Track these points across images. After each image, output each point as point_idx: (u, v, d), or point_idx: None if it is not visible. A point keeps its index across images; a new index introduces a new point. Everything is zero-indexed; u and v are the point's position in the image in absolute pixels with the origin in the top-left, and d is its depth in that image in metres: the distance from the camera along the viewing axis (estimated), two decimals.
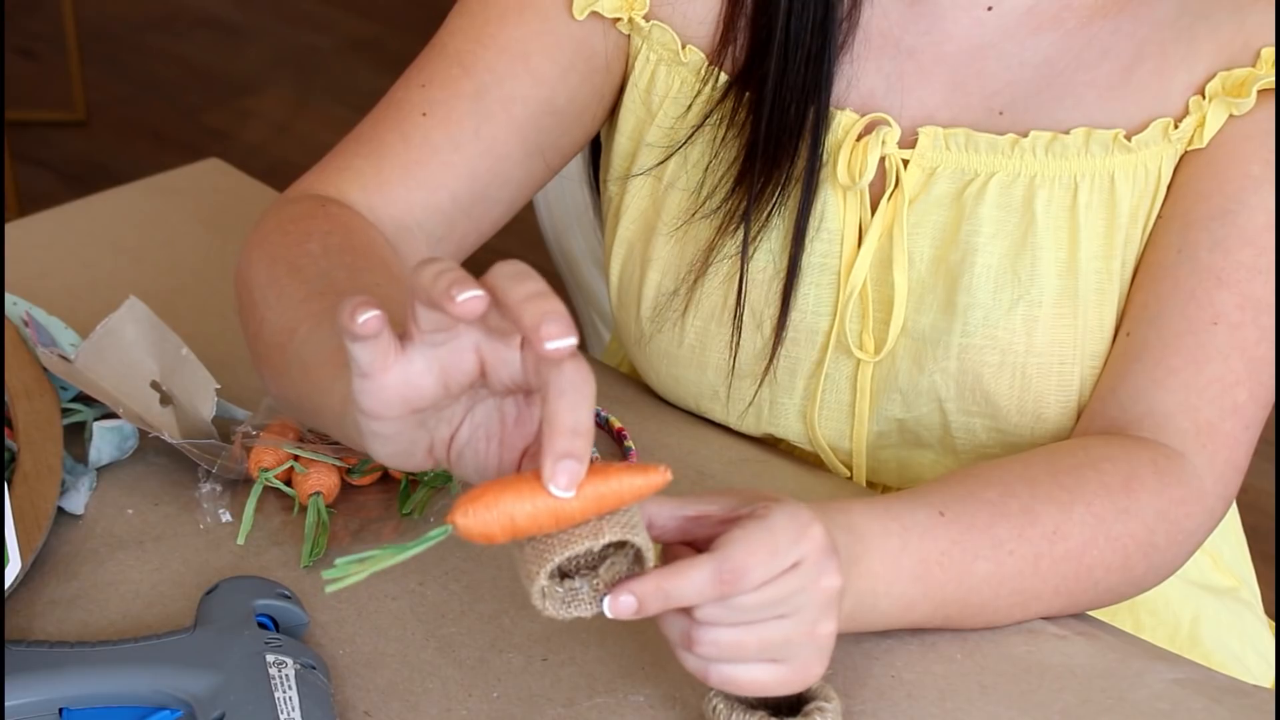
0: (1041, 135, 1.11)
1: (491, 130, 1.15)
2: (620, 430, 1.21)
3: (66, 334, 1.24)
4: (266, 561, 1.10)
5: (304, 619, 1.02)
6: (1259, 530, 1.98)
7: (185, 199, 1.48)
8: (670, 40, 1.16)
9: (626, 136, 1.20)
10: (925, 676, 1.02)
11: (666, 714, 0.99)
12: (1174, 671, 1.04)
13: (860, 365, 1.15)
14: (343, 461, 1.14)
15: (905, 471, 1.20)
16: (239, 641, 0.97)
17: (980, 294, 1.12)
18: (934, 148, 1.12)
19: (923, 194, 1.13)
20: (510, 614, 1.06)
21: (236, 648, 0.96)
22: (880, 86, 1.14)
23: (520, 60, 1.15)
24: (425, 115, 1.15)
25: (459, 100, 1.15)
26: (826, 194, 1.14)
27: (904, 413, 1.16)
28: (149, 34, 3.83)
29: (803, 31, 1.12)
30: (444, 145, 1.14)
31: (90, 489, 1.14)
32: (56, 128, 3.49)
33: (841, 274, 1.14)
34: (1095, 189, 1.11)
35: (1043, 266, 1.11)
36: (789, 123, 1.13)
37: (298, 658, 0.96)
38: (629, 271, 1.20)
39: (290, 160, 3.28)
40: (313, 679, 0.95)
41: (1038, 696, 1.01)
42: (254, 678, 0.94)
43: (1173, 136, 1.10)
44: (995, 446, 1.16)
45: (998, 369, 1.13)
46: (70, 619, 1.05)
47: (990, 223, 1.12)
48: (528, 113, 1.16)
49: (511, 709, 1.00)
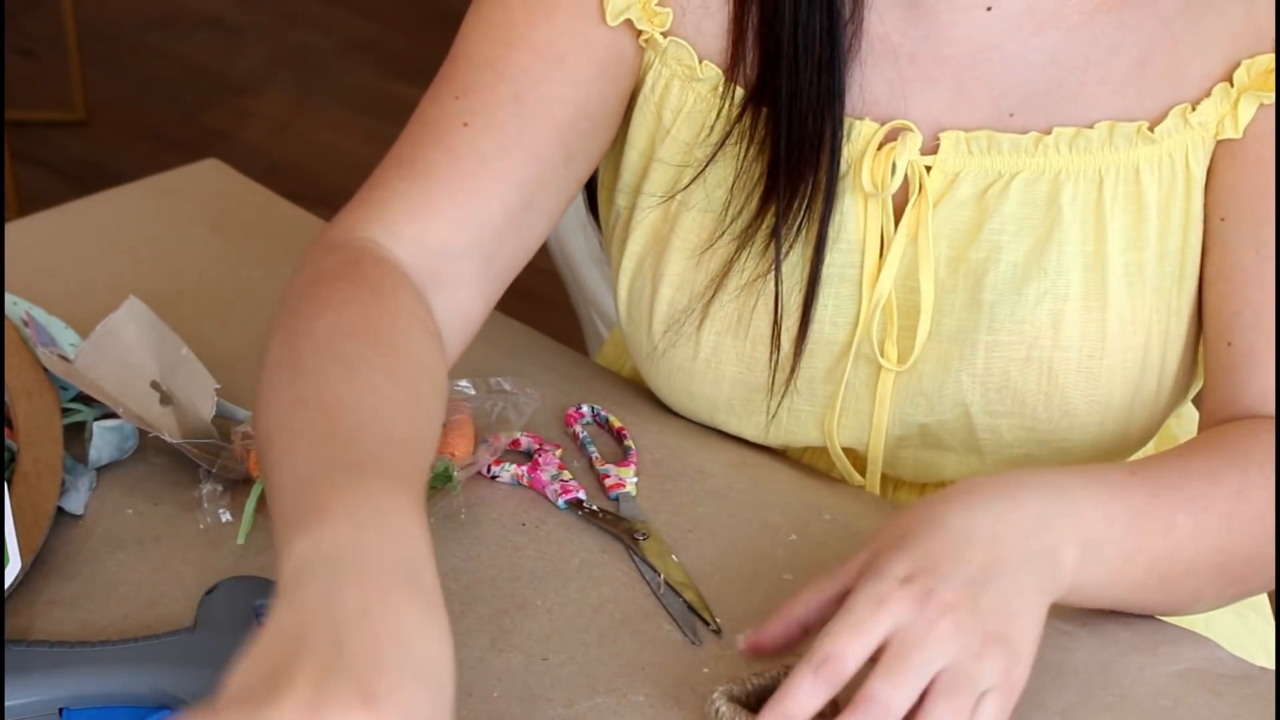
0: (1065, 131, 1.11)
1: (535, 134, 1.11)
2: (620, 430, 1.21)
3: (66, 334, 1.24)
4: (266, 561, 1.10)
5: None
6: None
7: (185, 199, 1.48)
8: (687, 56, 1.14)
9: (638, 151, 1.18)
10: None
11: (666, 714, 0.99)
12: (1177, 663, 1.04)
13: (882, 373, 1.15)
14: None
15: (924, 471, 1.20)
16: (239, 641, 0.97)
17: (1005, 289, 1.12)
18: (956, 152, 1.12)
19: (945, 198, 1.12)
20: (510, 614, 1.06)
21: (237, 647, 0.96)
22: (884, 93, 1.13)
23: (555, 61, 1.12)
24: (467, 125, 1.10)
25: (498, 106, 1.11)
26: (846, 204, 1.13)
27: (928, 417, 1.15)
28: (149, 34, 3.83)
29: (811, 40, 1.10)
30: (492, 154, 1.10)
31: (90, 489, 1.14)
32: (56, 128, 3.49)
33: (864, 284, 1.13)
34: (1121, 181, 1.11)
35: (1068, 260, 1.11)
36: (808, 135, 1.11)
37: None
38: (639, 287, 1.18)
39: (290, 160, 3.27)
40: None
41: (1038, 696, 1.01)
42: None
43: (1192, 120, 1.10)
44: (1021, 445, 1.16)
45: (1024, 364, 1.12)
46: (70, 619, 1.05)
47: (1014, 220, 1.11)
48: (566, 115, 1.12)
49: (511, 709, 0.99)
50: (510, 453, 1.19)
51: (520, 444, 1.20)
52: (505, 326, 1.34)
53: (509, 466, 1.17)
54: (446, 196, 1.09)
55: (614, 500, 1.16)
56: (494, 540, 1.12)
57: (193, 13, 3.91)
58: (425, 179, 1.09)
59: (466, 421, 1.18)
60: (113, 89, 3.61)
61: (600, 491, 1.16)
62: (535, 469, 1.17)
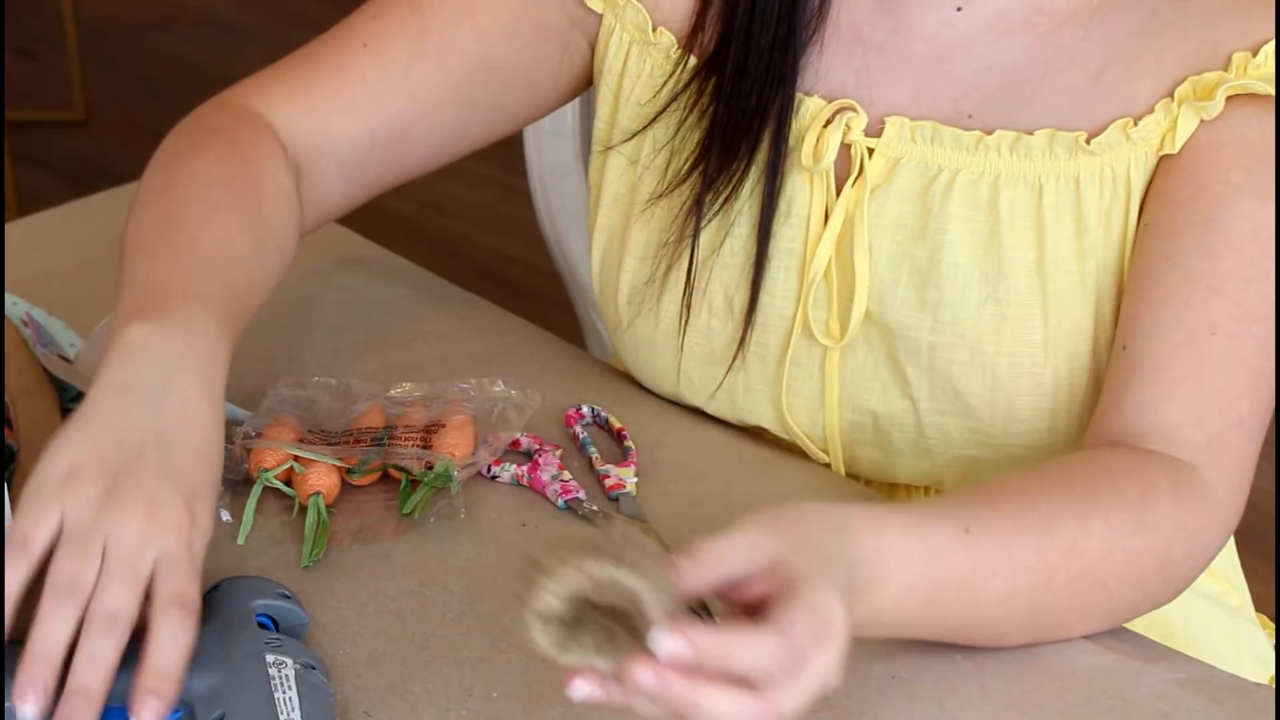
0: (1006, 134, 1.11)
1: (422, 73, 1.19)
2: (620, 430, 1.21)
3: (66, 334, 1.24)
4: (266, 561, 1.10)
5: (304, 619, 1.02)
6: (1259, 530, 1.98)
7: None
8: (642, 21, 1.18)
9: (603, 121, 1.21)
10: (925, 676, 1.02)
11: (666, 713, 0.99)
12: (1174, 671, 1.04)
13: (828, 352, 1.15)
14: (343, 462, 1.14)
15: (881, 472, 1.21)
16: (239, 641, 0.97)
17: (949, 291, 1.12)
18: (899, 138, 1.13)
19: (885, 183, 1.13)
20: (510, 614, 1.06)
21: (236, 647, 0.96)
22: (849, 81, 1.15)
23: (466, 13, 1.19)
24: (365, 46, 1.19)
25: (399, 38, 1.19)
26: (795, 180, 1.15)
27: (880, 405, 1.16)
28: (149, 34, 3.83)
29: (769, 18, 1.13)
30: (374, 78, 1.19)
31: None
32: (56, 128, 3.49)
33: (806, 258, 1.14)
34: (1061, 191, 1.11)
35: (1009, 266, 1.11)
36: (749, 108, 1.14)
37: (297, 658, 0.96)
38: (609, 259, 1.21)
39: None
40: (313, 679, 0.95)
41: (1038, 696, 1.01)
42: (254, 677, 0.94)
43: (1133, 135, 1.10)
44: (970, 447, 1.16)
45: (967, 367, 1.13)
46: None
47: (958, 220, 1.12)
48: (463, 64, 1.19)
49: (511, 709, 1.00)
50: (510, 453, 1.19)
51: (520, 444, 1.20)
52: (506, 325, 1.34)
53: (509, 466, 1.17)
54: (322, 101, 1.19)
55: (614, 500, 1.16)
56: (494, 540, 1.12)
57: (193, 13, 3.91)
58: (312, 79, 1.20)
59: (466, 421, 1.18)
60: (113, 89, 3.61)
61: (600, 492, 1.17)
62: (535, 469, 1.17)
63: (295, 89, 1.19)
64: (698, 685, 0.83)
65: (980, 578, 0.98)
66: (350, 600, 1.07)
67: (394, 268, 1.41)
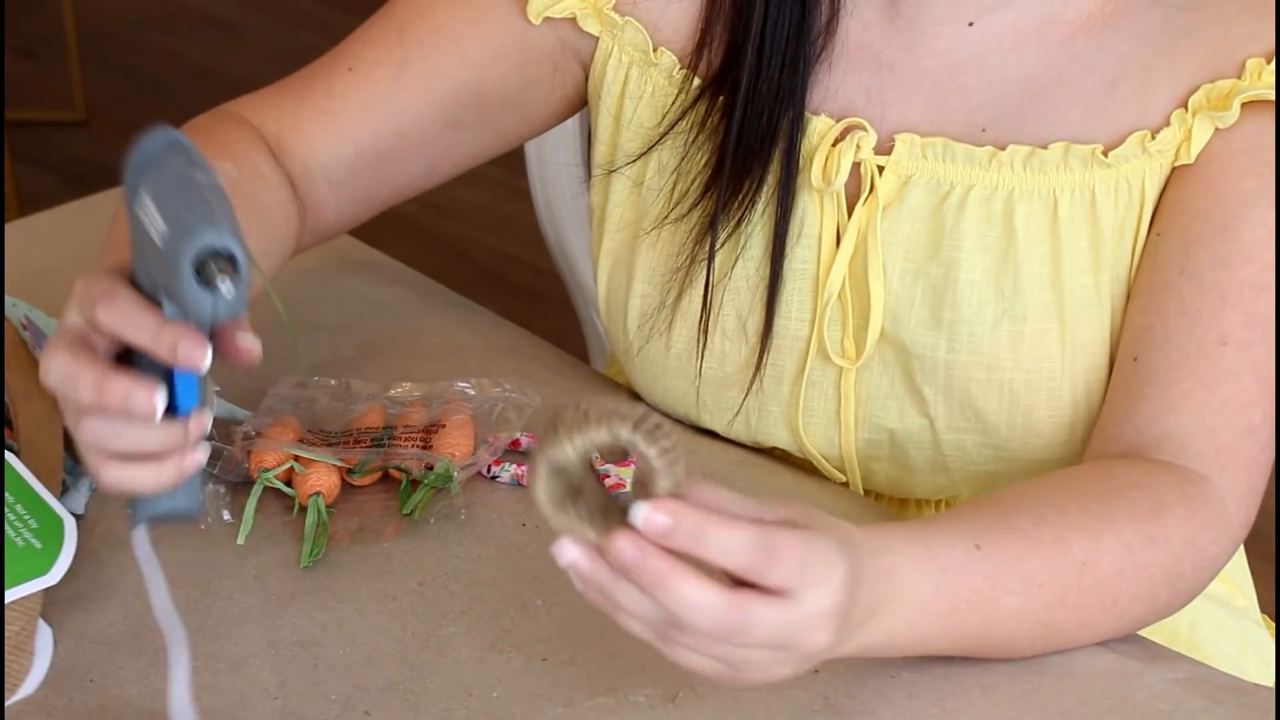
0: (1020, 149, 1.11)
1: (405, 99, 1.20)
2: None
3: None
4: (266, 561, 1.10)
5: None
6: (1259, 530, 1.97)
7: None
8: (642, 41, 1.17)
9: (604, 143, 1.20)
10: (925, 676, 1.02)
11: (666, 714, 0.99)
12: (1174, 671, 1.04)
13: (844, 373, 1.15)
14: (343, 462, 1.14)
15: (897, 488, 1.20)
16: None
17: (964, 309, 1.11)
18: (910, 155, 1.12)
19: (897, 201, 1.12)
20: (510, 614, 1.06)
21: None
22: (860, 99, 1.14)
23: (451, 39, 1.20)
24: (351, 70, 1.21)
25: (384, 66, 1.21)
26: (806, 200, 1.14)
27: (897, 423, 1.15)
28: (149, 34, 3.83)
29: (779, 37, 1.12)
30: (357, 103, 1.21)
31: (90, 489, 1.14)
32: (56, 128, 3.49)
33: (819, 279, 1.14)
34: (1076, 204, 1.10)
35: (1025, 281, 1.11)
36: (761, 129, 1.13)
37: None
38: (615, 283, 1.20)
39: None
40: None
41: (1038, 697, 1.01)
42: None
43: (1150, 149, 1.10)
44: (988, 463, 1.15)
45: (985, 384, 1.12)
46: (70, 619, 1.05)
47: (972, 237, 1.11)
48: (448, 88, 1.20)
49: (511, 709, 1.00)
50: (510, 453, 1.19)
51: (520, 444, 1.20)
52: (505, 328, 1.34)
53: (509, 466, 1.17)
54: (308, 121, 1.22)
55: (614, 500, 1.15)
56: (494, 540, 1.12)
57: (193, 13, 3.90)
58: (301, 101, 1.22)
59: (466, 421, 1.18)
60: (113, 89, 3.61)
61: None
62: None
63: (285, 110, 1.22)
64: (675, 566, 0.84)
65: (993, 595, 0.98)
66: (350, 600, 1.07)
67: (393, 270, 1.41)
